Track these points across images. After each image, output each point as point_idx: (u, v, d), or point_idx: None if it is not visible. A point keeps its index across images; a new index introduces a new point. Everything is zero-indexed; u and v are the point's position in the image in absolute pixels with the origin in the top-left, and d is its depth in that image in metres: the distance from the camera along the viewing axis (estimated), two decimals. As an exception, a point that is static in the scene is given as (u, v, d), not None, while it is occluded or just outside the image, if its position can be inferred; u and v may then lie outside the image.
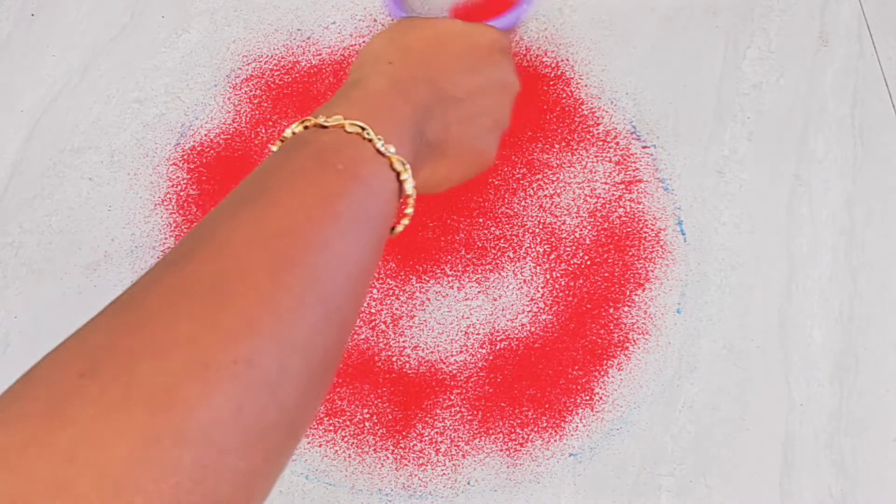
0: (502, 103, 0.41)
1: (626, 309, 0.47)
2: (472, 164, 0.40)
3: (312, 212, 0.28)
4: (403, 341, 0.46)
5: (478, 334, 0.47)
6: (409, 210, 0.33)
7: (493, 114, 0.40)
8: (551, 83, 0.53)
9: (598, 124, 0.52)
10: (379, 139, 0.31)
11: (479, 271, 0.48)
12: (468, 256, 0.49)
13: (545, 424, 0.45)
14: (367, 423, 0.45)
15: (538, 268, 0.48)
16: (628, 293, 0.48)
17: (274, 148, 0.32)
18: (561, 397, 0.45)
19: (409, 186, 0.33)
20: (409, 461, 0.44)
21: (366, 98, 0.34)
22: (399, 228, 0.34)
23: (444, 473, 0.44)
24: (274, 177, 0.29)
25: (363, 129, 0.31)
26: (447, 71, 0.38)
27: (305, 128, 0.32)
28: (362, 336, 0.47)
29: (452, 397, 0.45)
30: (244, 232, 0.27)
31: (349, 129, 0.31)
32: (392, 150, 0.32)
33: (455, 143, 0.38)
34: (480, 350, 0.46)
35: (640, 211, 0.50)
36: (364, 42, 0.54)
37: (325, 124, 0.31)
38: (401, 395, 0.45)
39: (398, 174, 0.32)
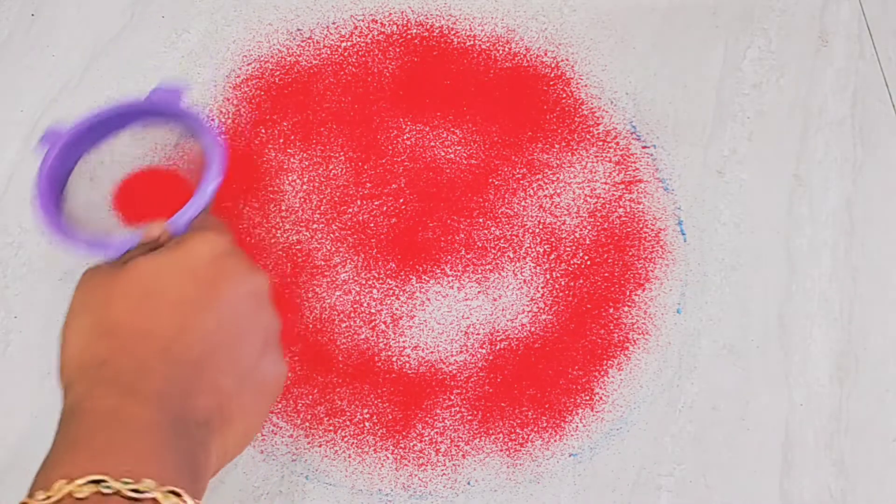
0: (258, 312, 0.32)
1: (626, 309, 0.47)
2: (267, 396, 0.32)
3: None
4: (403, 341, 0.46)
5: (478, 334, 0.47)
6: None
7: (256, 332, 0.32)
8: (551, 83, 0.53)
9: (598, 124, 0.52)
10: (126, 482, 0.24)
11: (479, 271, 0.48)
12: (468, 256, 0.49)
13: (545, 424, 0.45)
14: (367, 423, 0.44)
15: (538, 268, 0.48)
16: (628, 293, 0.48)
17: None
18: (561, 397, 0.45)
19: None
20: (409, 461, 0.44)
21: (90, 431, 0.26)
22: None
23: (444, 473, 0.44)
24: None
25: (98, 482, 0.24)
26: (175, 329, 0.29)
27: None
28: (362, 336, 0.47)
29: (452, 397, 0.45)
30: None
31: (79, 494, 0.24)
32: (149, 484, 0.25)
33: (234, 396, 0.30)
34: (480, 350, 0.46)
35: (640, 211, 0.50)
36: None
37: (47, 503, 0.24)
38: (401, 395, 0.45)
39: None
